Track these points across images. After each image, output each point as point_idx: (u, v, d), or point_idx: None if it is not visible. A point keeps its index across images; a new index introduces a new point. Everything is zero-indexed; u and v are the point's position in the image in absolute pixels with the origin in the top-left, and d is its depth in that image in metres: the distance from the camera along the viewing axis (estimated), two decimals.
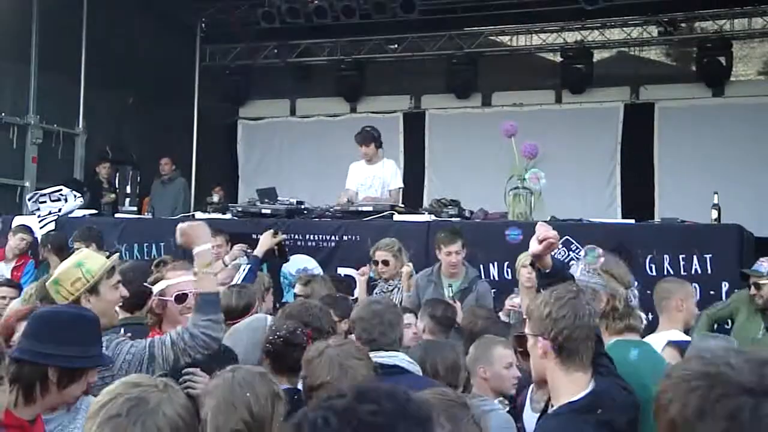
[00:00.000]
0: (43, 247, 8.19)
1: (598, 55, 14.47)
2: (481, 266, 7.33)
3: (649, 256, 7.04)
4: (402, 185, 9.18)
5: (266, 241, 7.03)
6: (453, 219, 8.08)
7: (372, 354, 3.59)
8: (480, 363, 4.26)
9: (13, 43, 11.45)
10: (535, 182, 7.94)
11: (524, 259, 5.74)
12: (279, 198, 8.76)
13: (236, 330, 4.48)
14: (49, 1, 11.75)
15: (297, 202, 8.67)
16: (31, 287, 5.23)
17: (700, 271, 7.00)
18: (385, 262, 6.83)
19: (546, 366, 2.95)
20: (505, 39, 15.34)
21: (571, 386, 2.90)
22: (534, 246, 3.45)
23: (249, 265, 6.61)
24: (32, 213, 9.47)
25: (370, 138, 8.97)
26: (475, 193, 10.37)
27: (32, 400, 2.84)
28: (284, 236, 7.42)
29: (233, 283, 5.87)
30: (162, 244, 8.63)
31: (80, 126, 12.58)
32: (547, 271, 3.46)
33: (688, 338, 4.91)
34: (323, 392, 3.10)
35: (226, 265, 7.40)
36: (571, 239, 7.20)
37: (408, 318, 4.95)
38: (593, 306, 3.02)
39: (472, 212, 8.48)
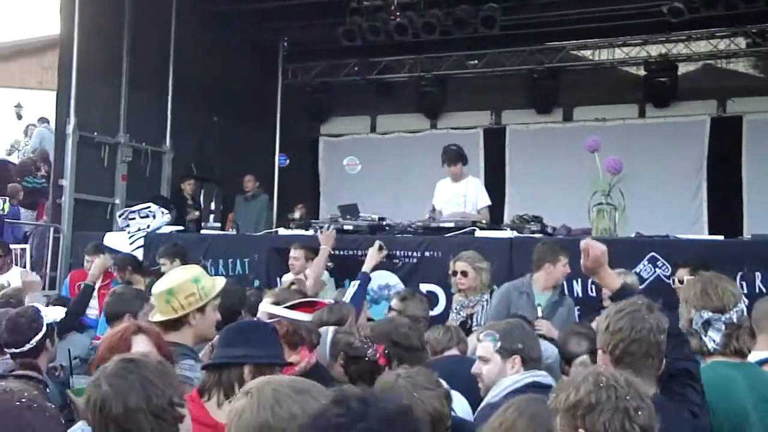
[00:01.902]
0: (121, 270, 8.31)
1: (683, 68, 14.18)
2: (565, 283, 7.23)
3: (740, 274, 6.82)
4: (490, 202, 9.14)
5: (374, 255, 7.07)
6: (535, 235, 8.01)
7: (530, 372, 3.66)
8: None
9: (105, 65, 11.81)
10: (352, 167, 8.00)
11: None
12: (361, 214, 8.82)
13: None
14: (140, 25, 12.11)
15: (379, 218, 8.72)
16: None
17: None
18: (464, 273, 6.72)
19: None
20: (587, 53, 15.16)
21: None
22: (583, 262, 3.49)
23: (359, 282, 6.62)
24: (122, 230, 9.76)
25: (457, 157, 8.99)
26: (556, 209, 10.24)
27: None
28: (386, 251, 7.43)
29: (342, 299, 5.88)
30: (246, 260, 8.79)
31: (167, 144, 12.91)
32: (611, 295, 3.44)
33: None
34: None
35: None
36: (657, 255, 7.06)
37: None
38: (658, 321, 2.97)
39: (554, 228, 8.39)
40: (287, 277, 8.02)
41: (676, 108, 13.99)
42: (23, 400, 1.74)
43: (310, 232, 8.97)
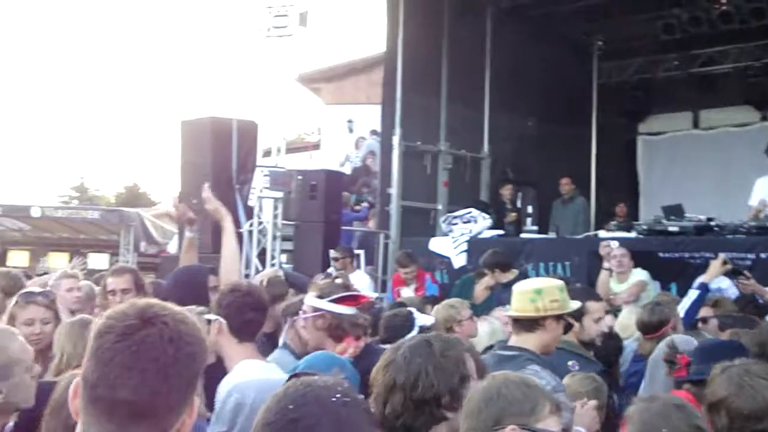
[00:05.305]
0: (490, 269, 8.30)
1: None
2: None
3: None
4: None
5: (716, 268, 6.77)
6: None
7: None
8: None
9: (426, 77, 12.37)
10: None
11: None
12: (686, 215, 8.45)
13: None
14: (457, 36, 12.55)
15: (707, 218, 8.29)
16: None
17: None
18: None
19: None
20: None
21: None
22: None
23: (698, 292, 6.38)
24: (446, 235, 10.16)
25: None
26: None
27: None
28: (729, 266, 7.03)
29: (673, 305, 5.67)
30: (567, 263, 8.76)
31: (485, 150, 13.24)
32: None
33: None
34: (722, 408, 2.99)
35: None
36: None
37: None
38: None
39: None
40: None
41: None
42: (338, 395, 1.74)
43: (632, 234, 8.75)
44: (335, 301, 4.01)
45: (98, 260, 19.59)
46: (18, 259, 20.06)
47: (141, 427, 1.55)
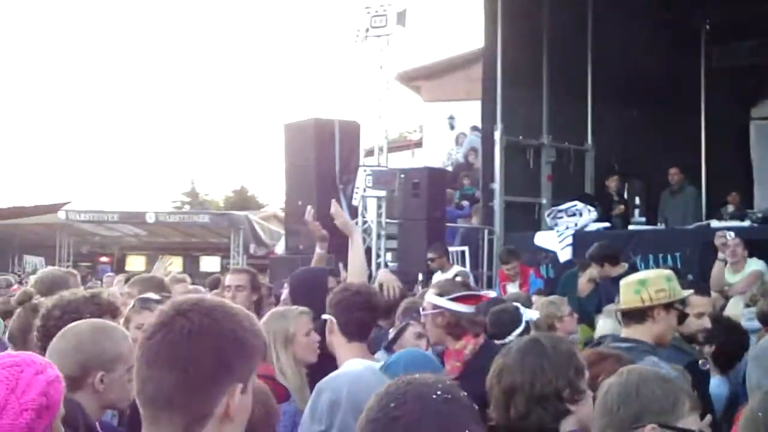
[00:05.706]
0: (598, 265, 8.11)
1: None
2: None
3: None
4: None
5: None
6: None
7: None
8: None
9: (526, 71, 12.22)
10: None
11: None
12: None
13: None
14: (557, 29, 12.35)
15: None
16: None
17: None
18: None
19: None
20: None
21: None
22: None
23: None
24: (551, 229, 10.03)
25: None
26: None
27: None
28: None
29: None
30: (678, 254, 8.53)
31: (589, 142, 13.01)
32: None
33: None
34: None
35: None
36: None
37: None
38: None
39: None
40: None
41: None
42: (439, 392, 1.74)
43: (746, 223, 8.46)
44: (455, 299, 4.04)
45: (210, 263, 20.25)
46: (135, 263, 20.88)
47: (174, 415, 1.64)
